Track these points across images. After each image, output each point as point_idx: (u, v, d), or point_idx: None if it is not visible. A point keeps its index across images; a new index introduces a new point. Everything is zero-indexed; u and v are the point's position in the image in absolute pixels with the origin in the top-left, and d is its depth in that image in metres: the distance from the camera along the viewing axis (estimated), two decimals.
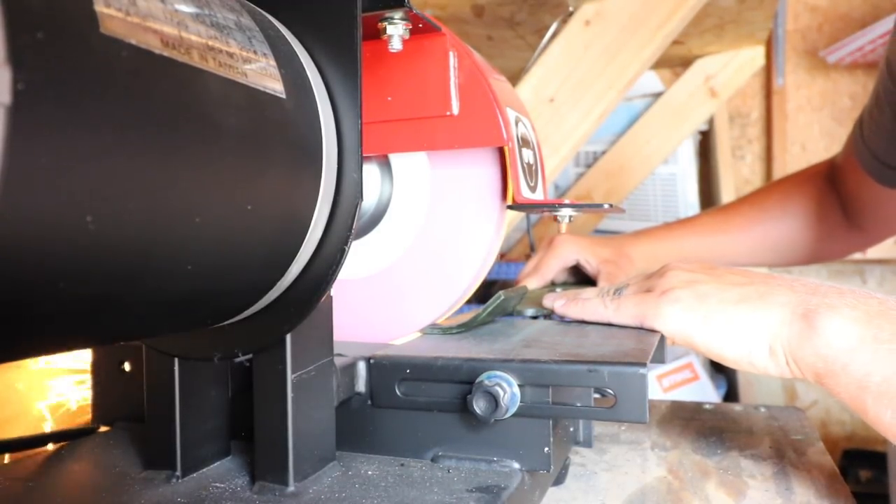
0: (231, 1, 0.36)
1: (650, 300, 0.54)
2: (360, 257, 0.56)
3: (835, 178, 0.91)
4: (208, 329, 0.40)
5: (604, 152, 1.72)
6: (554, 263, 0.80)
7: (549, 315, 0.91)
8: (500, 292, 0.58)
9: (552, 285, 0.81)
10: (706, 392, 1.47)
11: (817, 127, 1.79)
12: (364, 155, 0.40)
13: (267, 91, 0.34)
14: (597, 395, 0.44)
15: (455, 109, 0.52)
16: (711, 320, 0.51)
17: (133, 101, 0.25)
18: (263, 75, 0.34)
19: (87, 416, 0.55)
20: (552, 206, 0.55)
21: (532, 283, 0.79)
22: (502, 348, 0.49)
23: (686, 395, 1.46)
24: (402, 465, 0.45)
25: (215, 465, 0.45)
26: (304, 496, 0.40)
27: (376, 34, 0.46)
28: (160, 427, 0.43)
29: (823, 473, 0.54)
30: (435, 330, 0.56)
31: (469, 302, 0.59)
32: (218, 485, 0.42)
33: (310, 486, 0.41)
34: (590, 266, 0.80)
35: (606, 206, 0.55)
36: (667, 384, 1.48)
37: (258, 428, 0.41)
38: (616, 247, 0.85)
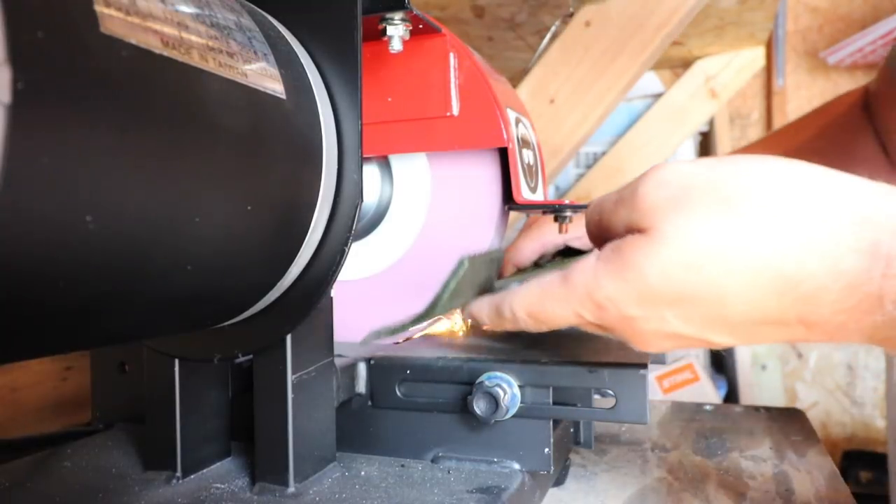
0: (231, 1, 0.36)
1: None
2: (360, 258, 0.56)
3: (870, 110, 0.75)
4: (208, 330, 0.40)
5: (604, 153, 1.72)
6: (527, 247, 0.65)
7: None
8: (464, 258, 0.43)
9: (535, 267, 0.65)
10: (706, 393, 1.47)
11: None
12: (364, 156, 0.40)
13: (267, 92, 0.34)
14: (597, 396, 0.44)
15: (455, 110, 0.52)
16: None
17: (133, 100, 0.25)
18: (263, 76, 0.34)
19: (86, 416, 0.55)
20: (552, 207, 0.55)
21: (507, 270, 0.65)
22: (503, 349, 0.48)
23: (686, 396, 1.46)
24: (403, 465, 0.45)
25: (216, 465, 0.45)
26: (305, 497, 0.40)
27: (377, 35, 0.46)
28: (160, 428, 0.43)
29: (823, 474, 0.54)
30: (382, 331, 0.43)
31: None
32: (218, 486, 0.42)
33: (310, 486, 0.41)
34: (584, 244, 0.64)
35: None
36: (667, 385, 1.48)
37: (258, 429, 0.41)
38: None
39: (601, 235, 0.38)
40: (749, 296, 0.32)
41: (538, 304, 0.38)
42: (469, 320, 0.49)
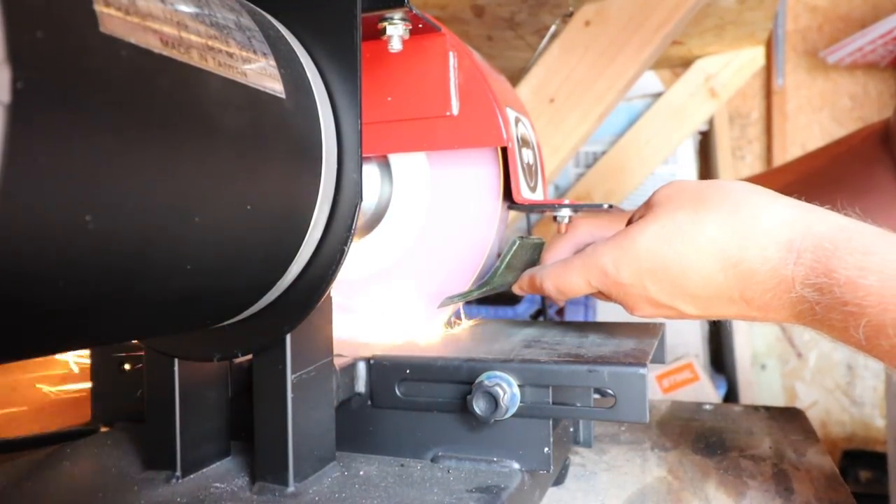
0: (231, 1, 0.36)
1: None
2: (359, 257, 0.56)
3: (890, 142, 0.78)
4: (208, 329, 0.40)
5: (604, 153, 1.72)
6: (561, 247, 0.71)
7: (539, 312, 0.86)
8: (516, 237, 0.52)
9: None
10: (706, 392, 1.47)
11: (817, 127, 1.79)
12: (364, 155, 0.40)
13: (267, 91, 0.34)
14: (597, 396, 0.44)
15: (455, 110, 0.52)
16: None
17: (132, 100, 0.25)
18: (263, 75, 0.34)
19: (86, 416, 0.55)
20: (552, 206, 0.55)
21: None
22: (502, 348, 0.48)
23: (686, 395, 1.46)
24: (402, 465, 0.45)
25: (215, 465, 0.45)
26: (304, 496, 0.40)
27: (376, 34, 0.46)
28: (160, 427, 0.43)
29: (823, 474, 0.54)
30: (455, 297, 0.53)
31: (469, 303, 0.59)
32: (218, 485, 0.42)
33: (310, 486, 0.41)
34: None
35: (606, 206, 0.55)
36: (667, 384, 1.48)
37: (258, 428, 0.41)
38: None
39: None
40: (703, 270, 0.43)
41: (561, 276, 0.50)
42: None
